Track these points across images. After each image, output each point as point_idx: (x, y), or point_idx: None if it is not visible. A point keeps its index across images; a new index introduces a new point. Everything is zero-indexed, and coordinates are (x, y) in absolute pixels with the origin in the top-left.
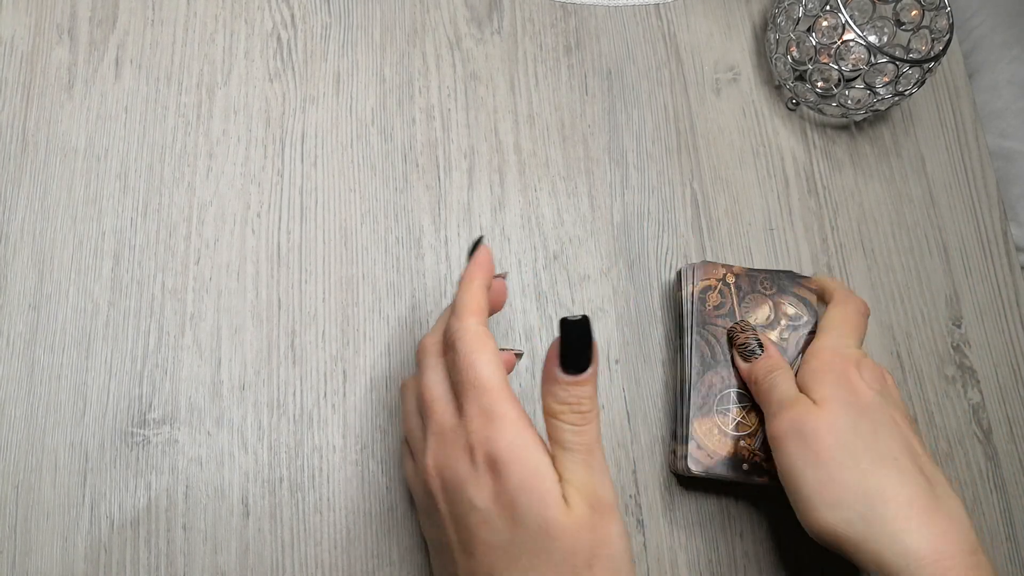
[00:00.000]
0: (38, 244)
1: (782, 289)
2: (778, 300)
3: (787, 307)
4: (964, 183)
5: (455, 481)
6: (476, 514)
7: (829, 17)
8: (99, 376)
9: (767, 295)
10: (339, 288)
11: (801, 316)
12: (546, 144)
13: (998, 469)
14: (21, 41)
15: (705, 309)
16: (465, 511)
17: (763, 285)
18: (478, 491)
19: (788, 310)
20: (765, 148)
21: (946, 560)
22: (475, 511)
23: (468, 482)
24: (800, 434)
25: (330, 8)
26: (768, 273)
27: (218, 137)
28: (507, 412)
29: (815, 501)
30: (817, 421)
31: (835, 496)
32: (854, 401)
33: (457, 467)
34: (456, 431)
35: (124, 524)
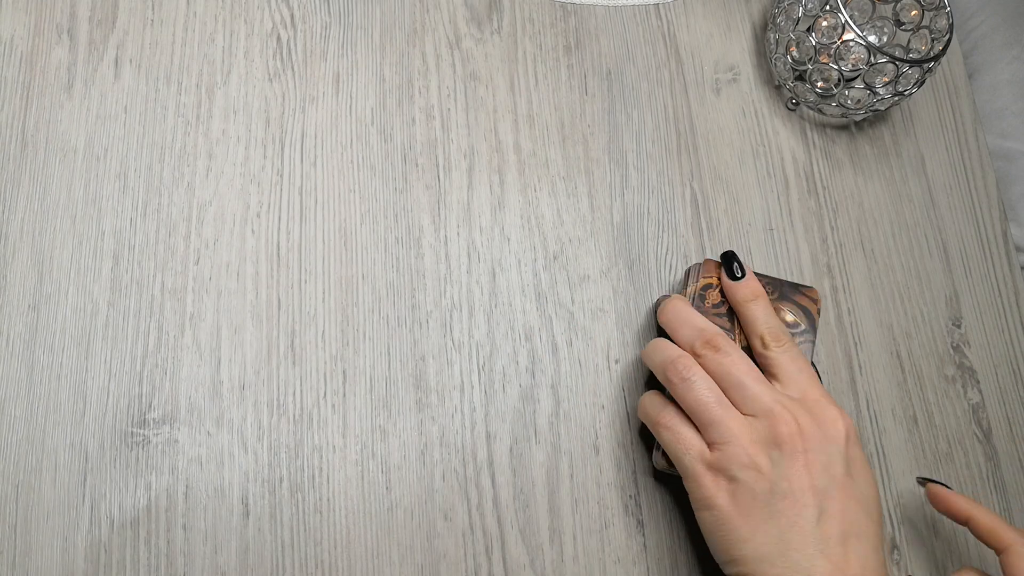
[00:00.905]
0: (37, 244)
1: (783, 296)
2: (778, 306)
3: (786, 314)
4: (964, 183)
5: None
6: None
7: (829, 17)
8: (99, 376)
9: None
10: (339, 288)
11: (799, 324)
12: (546, 144)
13: (998, 469)
14: (21, 41)
15: (704, 307)
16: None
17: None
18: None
19: (787, 317)
20: (765, 148)
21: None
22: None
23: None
24: None
25: (330, 8)
26: (770, 279)
27: (218, 137)
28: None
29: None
30: None
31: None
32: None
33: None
34: (805, 403)
35: (124, 524)
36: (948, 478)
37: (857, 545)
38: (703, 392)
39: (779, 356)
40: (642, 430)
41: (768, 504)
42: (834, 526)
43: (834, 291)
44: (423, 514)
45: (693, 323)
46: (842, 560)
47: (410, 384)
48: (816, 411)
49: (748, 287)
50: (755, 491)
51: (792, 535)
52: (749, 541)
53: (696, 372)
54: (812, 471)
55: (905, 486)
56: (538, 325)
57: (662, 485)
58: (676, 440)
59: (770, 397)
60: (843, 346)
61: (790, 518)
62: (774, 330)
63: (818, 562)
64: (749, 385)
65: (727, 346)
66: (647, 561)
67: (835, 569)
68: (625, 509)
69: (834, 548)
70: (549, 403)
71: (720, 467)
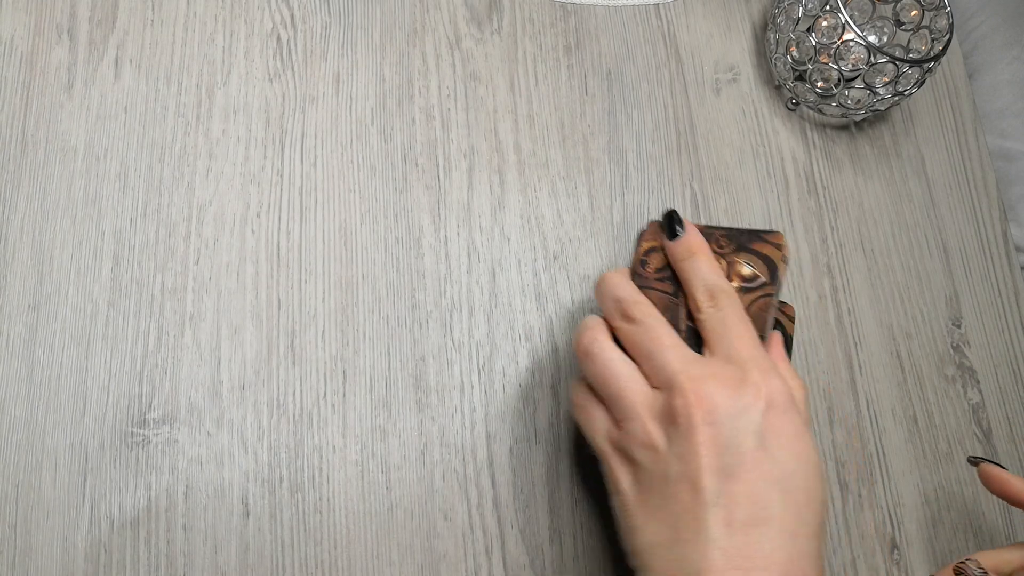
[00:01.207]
0: (37, 244)
1: (741, 247)
2: (734, 259)
3: (743, 267)
4: (964, 183)
5: (729, 410)
6: (754, 441)
7: (829, 17)
8: (99, 376)
9: (721, 254)
10: (339, 288)
11: (758, 277)
12: (546, 144)
13: None
14: (21, 41)
15: (646, 272)
16: (739, 437)
17: (719, 243)
18: (762, 421)
19: (743, 270)
20: (765, 148)
21: None
22: (753, 438)
23: (747, 412)
24: None
25: (330, 8)
26: (727, 230)
27: (218, 137)
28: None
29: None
30: None
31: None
32: None
33: (734, 399)
34: (718, 368)
35: (124, 524)
36: (948, 478)
37: (765, 532)
38: (605, 365)
39: (710, 318)
40: None
41: (663, 488)
42: (736, 512)
43: (834, 291)
44: (423, 514)
45: (614, 294)
46: (741, 551)
47: (410, 384)
48: (733, 376)
49: (683, 244)
50: (652, 473)
51: (684, 523)
52: (643, 530)
53: (600, 345)
54: (713, 448)
55: (905, 486)
56: (538, 325)
57: None
58: (586, 419)
59: (677, 366)
60: (843, 346)
61: (684, 504)
62: (710, 289)
63: (710, 554)
64: (656, 354)
65: (642, 314)
66: None
67: (729, 562)
68: None
69: (733, 538)
70: (549, 403)
71: (622, 447)
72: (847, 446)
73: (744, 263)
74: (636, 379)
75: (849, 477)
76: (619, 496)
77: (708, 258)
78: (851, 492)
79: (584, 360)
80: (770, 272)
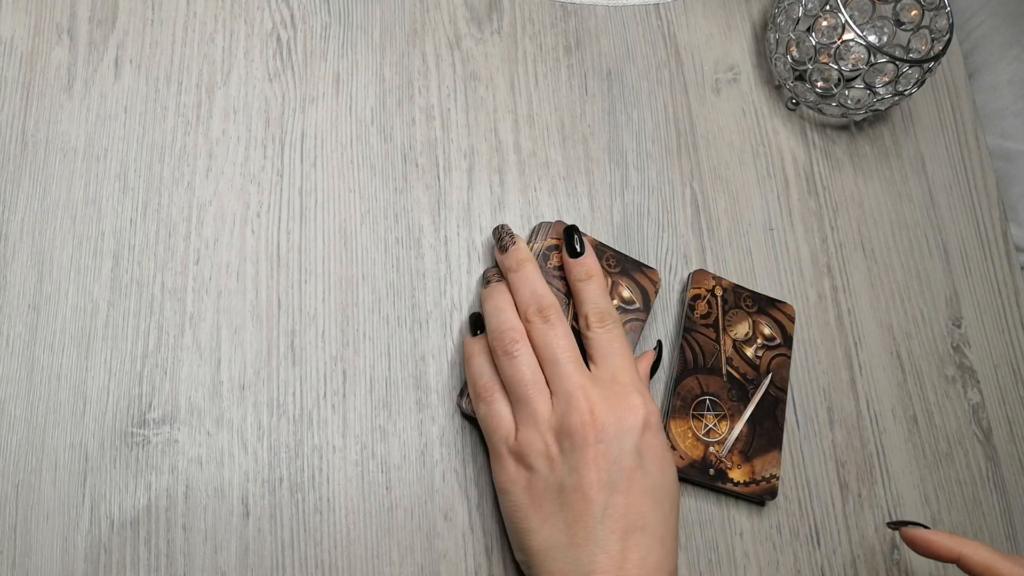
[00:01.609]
0: (37, 244)
1: (624, 271)
2: (617, 280)
3: (623, 289)
4: (964, 183)
5: (617, 430)
6: (634, 459)
7: (829, 17)
8: (99, 376)
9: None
10: (339, 288)
11: (634, 302)
12: (546, 144)
13: (998, 469)
14: (21, 41)
15: (546, 266)
16: (623, 455)
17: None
18: (640, 441)
19: (624, 292)
20: (765, 148)
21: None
22: (633, 456)
23: (631, 433)
24: None
25: (330, 8)
26: (616, 253)
27: (217, 137)
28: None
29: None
30: None
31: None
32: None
33: (620, 420)
34: (608, 390)
35: (124, 524)
36: (948, 478)
37: (640, 539)
38: (522, 369)
39: (599, 337)
40: None
41: (559, 496)
42: (617, 521)
43: (834, 291)
44: (423, 514)
45: (534, 287)
46: (620, 556)
47: (410, 384)
48: (618, 398)
49: (583, 266)
50: (548, 481)
51: (577, 529)
52: (537, 532)
53: (521, 348)
54: (601, 464)
55: (905, 486)
56: None
57: None
58: (490, 416)
59: (575, 380)
60: (843, 346)
61: (576, 512)
62: (600, 311)
63: (598, 558)
64: (562, 363)
65: (556, 319)
66: None
67: (612, 564)
68: None
69: (615, 544)
70: None
71: (520, 453)
72: (847, 446)
73: (625, 287)
74: (543, 390)
75: (849, 477)
76: (510, 496)
77: (601, 283)
78: (851, 492)
79: (504, 359)
80: (644, 301)
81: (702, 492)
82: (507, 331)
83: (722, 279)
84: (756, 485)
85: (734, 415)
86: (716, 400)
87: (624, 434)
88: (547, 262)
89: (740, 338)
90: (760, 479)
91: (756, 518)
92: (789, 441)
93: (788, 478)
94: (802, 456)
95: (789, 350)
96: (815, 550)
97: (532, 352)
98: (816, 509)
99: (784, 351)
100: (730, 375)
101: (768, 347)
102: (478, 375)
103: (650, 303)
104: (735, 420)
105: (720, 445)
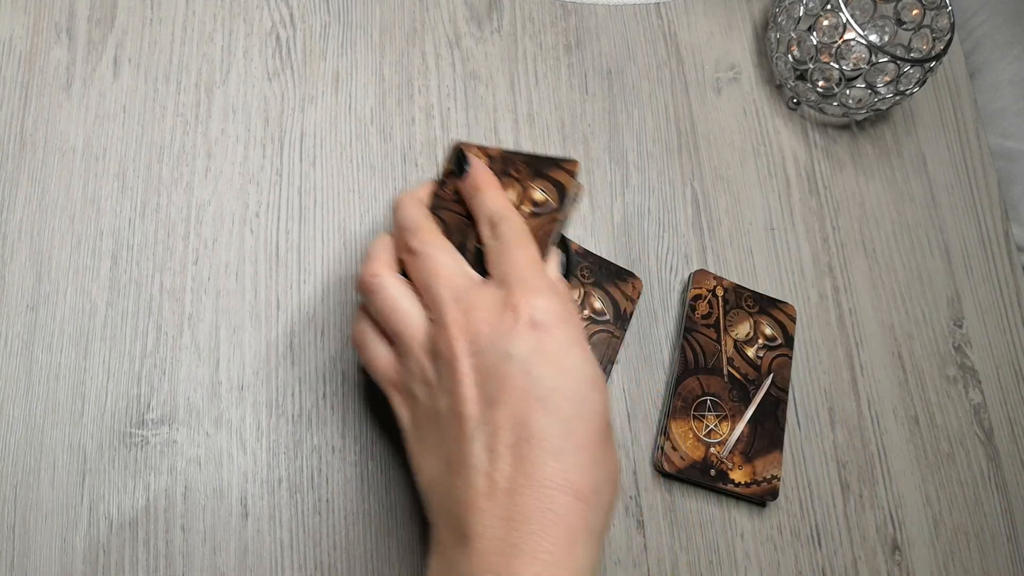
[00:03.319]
0: (36, 244)
1: (537, 172)
2: (529, 184)
3: (535, 192)
4: (965, 183)
5: (491, 336)
6: (514, 364)
7: (830, 16)
8: (97, 376)
9: (518, 179)
10: (338, 288)
11: (548, 202)
12: (546, 144)
13: (999, 470)
14: (19, 40)
15: (444, 192)
16: (499, 362)
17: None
18: (521, 343)
19: (536, 195)
20: (766, 148)
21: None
22: (512, 361)
23: (508, 335)
24: None
25: (329, 7)
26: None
27: (216, 136)
28: (547, 283)
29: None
30: None
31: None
32: None
33: (495, 324)
34: (487, 295)
35: (123, 525)
36: (950, 478)
37: (526, 452)
38: (385, 301)
39: (491, 247)
40: (643, 430)
41: (436, 423)
42: (497, 437)
43: (835, 291)
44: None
45: (399, 223)
46: (504, 474)
47: None
48: (499, 302)
49: (469, 181)
50: (428, 409)
51: (453, 454)
52: (422, 468)
53: (381, 280)
54: (476, 378)
55: (906, 487)
56: None
57: (662, 485)
58: (368, 360)
59: (445, 295)
60: (844, 346)
61: (453, 435)
62: (491, 219)
63: (475, 481)
64: (432, 286)
65: (421, 244)
66: (647, 562)
67: (492, 487)
68: (625, 510)
69: (497, 462)
70: None
71: (402, 384)
72: (848, 446)
73: (538, 188)
74: (415, 315)
75: (850, 478)
76: (404, 435)
77: (494, 190)
78: (852, 493)
79: (367, 295)
80: (560, 197)
81: (703, 493)
82: (365, 276)
83: (723, 279)
84: (757, 486)
85: (735, 416)
86: (717, 401)
87: (502, 339)
88: (444, 188)
89: (741, 338)
90: (761, 480)
91: (757, 519)
92: (790, 442)
93: (789, 479)
94: (803, 456)
95: (790, 350)
96: (816, 551)
97: (398, 283)
98: (817, 510)
99: (785, 351)
100: (731, 376)
101: (769, 347)
102: (355, 325)
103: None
104: (736, 421)
105: (721, 446)
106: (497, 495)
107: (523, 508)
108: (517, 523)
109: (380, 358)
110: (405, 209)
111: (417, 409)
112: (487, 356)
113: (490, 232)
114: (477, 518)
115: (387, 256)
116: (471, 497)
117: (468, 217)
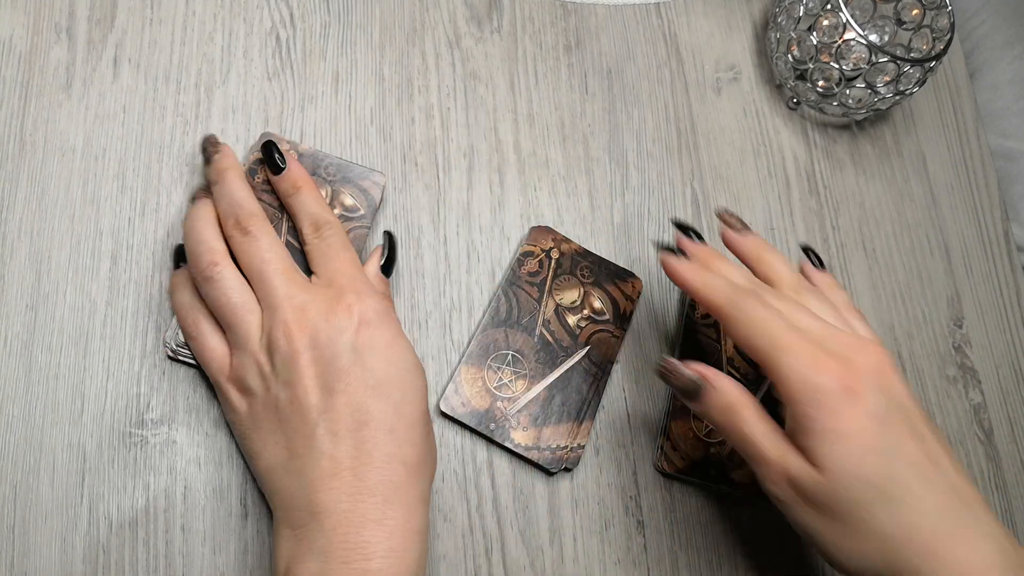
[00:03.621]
0: (36, 244)
1: (345, 178)
2: (339, 188)
3: (346, 197)
4: (965, 183)
5: (328, 332)
6: (350, 357)
7: (830, 16)
8: (97, 376)
9: (328, 180)
10: None
11: (358, 209)
12: (546, 144)
13: (999, 470)
14: (19, 40)
15: (255, 182)
16: (336, 355)
17: (327, 171)
18: (355, 339)
19: (347, 200)
20: (766, 148)
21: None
22: (348, 354)
23: (344, 332)
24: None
25: (329, 7)
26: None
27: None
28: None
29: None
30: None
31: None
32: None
33: (332, 321)
34: (319, 294)
35: (123, 525)
36: None
37: (365, 434)
38: (225, 292)
39: (315, 248)
40: (643, 430)
41: (277, 414)
42: (338, 423)
43: None
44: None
45: (233, 196)
46: (347, 454)
47: None
48: (332, 301)
49: (288, 180)
50: (266, 401)
51: (296, 440)
52: (261, 454)
53: (221, 270)
54: (315, 371)
55: None
56: None
57: (662, 485)
58: (200, 351)
59: (282, 292)
60: None
61: (295, 424)
62: (315, 221)
63: (321, 463)
64: (267, 277)
65: (258, 229)
66: (647, 562)
67: (336, 466)
68: (625, 510)
69: (339, 445)
70: None
71: (237, 379)
72: None
73: (348, 194)
74: (252, 308)
75: None
76: (236, 427)
77: (312, 191)
78: None
79: (204, 284)
80: (369, 206)
81: (703, 493)
82: (203, 253)
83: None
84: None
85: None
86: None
87: (337, 335)
88: (255, 177)
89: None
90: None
91: (758, 519)
92: None
93: None
94: None
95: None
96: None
97: (236, 270)
98: None
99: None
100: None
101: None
102: (179, 309)
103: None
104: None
105: (721, 446)
106: (343, 473)
107: (368, 482)
108: (363, 496)
109: (214, 350)
110: (236, 184)
111: (254, 401)
112: (325, 350)
113: (314, 233)
114: (326, 496)
115: (215, 231)
116: (318, 478)
117: (279, 211)
